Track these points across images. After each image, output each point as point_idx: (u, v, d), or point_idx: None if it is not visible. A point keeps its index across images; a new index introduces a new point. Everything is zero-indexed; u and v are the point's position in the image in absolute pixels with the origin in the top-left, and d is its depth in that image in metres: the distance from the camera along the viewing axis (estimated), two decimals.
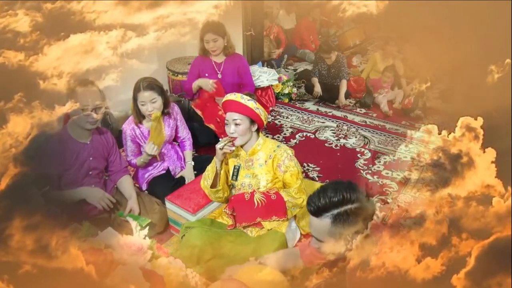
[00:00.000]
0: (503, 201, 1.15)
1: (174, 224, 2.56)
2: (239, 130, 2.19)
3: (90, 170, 2.36)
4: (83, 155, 2.30)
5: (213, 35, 3.12)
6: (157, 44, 1.64)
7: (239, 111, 2.18)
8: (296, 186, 2.25)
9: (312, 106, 4.48)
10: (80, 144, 2.29)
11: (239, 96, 2.20)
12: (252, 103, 2.19)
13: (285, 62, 5.31)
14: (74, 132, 2.26)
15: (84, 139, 2.30)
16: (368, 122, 4.16)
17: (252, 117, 2.20)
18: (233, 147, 2.21)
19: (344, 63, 4.50)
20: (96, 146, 2.37)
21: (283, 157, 2.24)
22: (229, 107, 2.22)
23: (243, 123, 2.19)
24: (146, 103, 2.57)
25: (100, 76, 1.96)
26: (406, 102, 4.30)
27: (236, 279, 1.86)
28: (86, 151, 2.31)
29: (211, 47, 3.17)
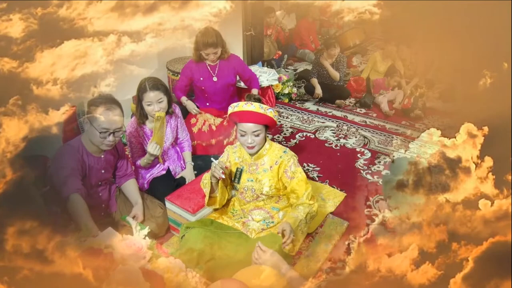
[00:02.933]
0: (496, 206, 1.16)
1: (174, 224, 2.56)
2: (258, 140, 2.13)
3: (100, 181, 2.35)
4: (96, 168, 2.28)
5: (213, 49, 3.10)
6: (152, 50, 1.65)
7: (259, 122, 2.09)
8: (307, 192, 2.20)
9: (312, 106, 4.48)
10: (94, 158, 2.26)
11: (258, 106, 2.07)
12: (271, 111, 2.10)
13: (285, 62, 5.32)
14: (88, 146, 2.22)
15: (98, 154, 2.27)
16: (368, 122, 4.16)
17: (269, 124, 2.15)
18: (223, 176, 2.12)
19: (344, 63, 4.50)
20: (109, 159, 2.35)
21: (290, 163, 2.19)
22: (246, 118, 2.10)
23: (261, 132, 2.13)
24: (153, 103, 2.57)
25: (95, 82, 1.97)
26: (406, 102, 4.30)
27: (236, 279, 1.86)
28: (100, 164, 2.29)
29: (211, 58, 3.17)
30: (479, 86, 1.36)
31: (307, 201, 2.20)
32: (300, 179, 2.20)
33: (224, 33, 3.19)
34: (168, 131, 2.79)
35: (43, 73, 1.37)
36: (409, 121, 4.16)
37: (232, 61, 3.31)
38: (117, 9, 1.46)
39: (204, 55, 3.15)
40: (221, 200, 2.32)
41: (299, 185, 2.20)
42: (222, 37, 3.14)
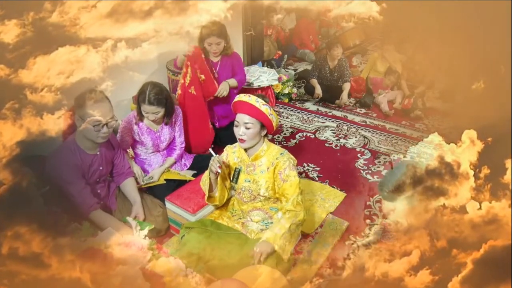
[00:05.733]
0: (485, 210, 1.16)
1: (174, 224, 2.56)
2: (249, 133, 2.12)
3: (99, 178, 2.35)
4: (94, 166, 2.29)
5: (217, 38, 3.10)
6: (150, 55, 1.65)
7: (252, 114, 2.09)
8: (293, 198, 2.16)
9: (312, 106, 4.48)
10: (91, 156, 2.27)
11: (254, 99, 2.09)
12: (266, 108, 2.10)
13: (285, 62, 5.32)
14: (83, 144, 2.23)
15: (93, 150, 2.28)
16: (368, 122, 4.16)
17: (264, 122, 2.13)
18: (219, 170, 2.13)
19: (347, 66, 4.51)
20: (105, 155, 2.36)
21: (285, 165, 2.17)
22: (241, 108, 2.12)
23: (254, 127, 2.11)
24: (149, 114, 2.62)
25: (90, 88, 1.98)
26: (406, 102, 4.30)
27: (236, 279, 1.87)
28: (97, 161, 2.30)
29: (214, 50, 3.16)
30: (472, 90, 1.36)
31: (292, 207, 2.16)
32: (293, 183, 2.17)
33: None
34: (165, 132, 2.79)
35: (37, 80, 1.36)
36: (409, 121, 4.16)
37: (232, 58, 3.33)
38: (113, 15, 1.45)
39: (207, 46, 3.15)
40: (220, 198, 2.32)
41: (290, 189, 2.17)
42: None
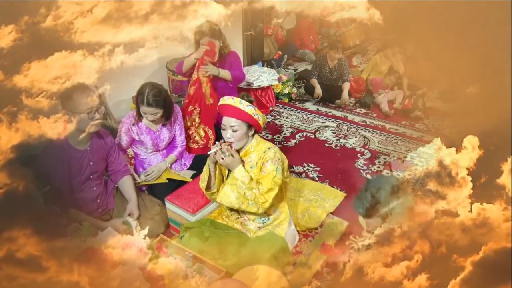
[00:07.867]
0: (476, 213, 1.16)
1: (174, 224, 2.56)
2: (236, 136, 2.12)
3: (91, 174, 2.34)
4: (84, 162, 2.28)
5: (209, 38, 3.07)
6: (149, 58, 1.64)
7: (236, 116, 2.09)
8: (267, 187, 2.11)
9: (312, 106, 4.48)
10: (80, 152, 2.26)
11: (238, 101, 2.09)
12: (251, 109, 2.09)
13: (285, 62, 5.31)
14: (73, 140, 2.22)
15: (83, 145, 2.27)
16: (368, 122, 4.16)
17: (250, 122, 2.13)
18: (214, 149, 2.12)
19: (347, 66, 4.50)
20: (96, 149, 2.35)
21: (269, 158, 2.15)
22: (226, 111, 2.12)
23: (240, 128, 2.11)
24: (147, 115, 2.62)
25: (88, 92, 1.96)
26: (406, 102, 4.30)
27: (236, 279, 1.87)
28: (87, 157, 2.29)
29: None
30: (467, 94, 1.36)
31: (260, 197, 2.11)
32: (269, 176, 2.12)
33: (224, 33, 3.19)
34: (165, 131, 2.79)
35: (33, 85, 1.36)
36: (409, 121, 4.16)
37: (231, 57, 3.30)
38: (111, 20, 1.45)
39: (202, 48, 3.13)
40: (218, 186, 2.30)
41: (263, 180, 2.13)
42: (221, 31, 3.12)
